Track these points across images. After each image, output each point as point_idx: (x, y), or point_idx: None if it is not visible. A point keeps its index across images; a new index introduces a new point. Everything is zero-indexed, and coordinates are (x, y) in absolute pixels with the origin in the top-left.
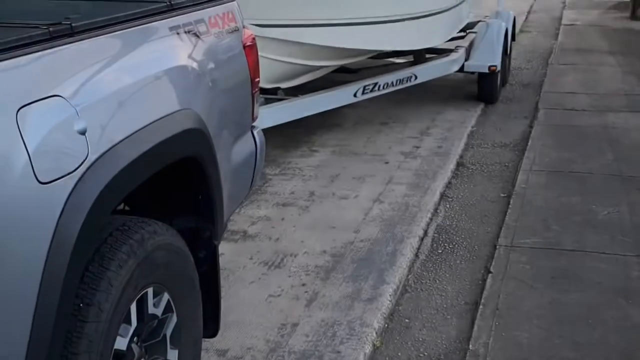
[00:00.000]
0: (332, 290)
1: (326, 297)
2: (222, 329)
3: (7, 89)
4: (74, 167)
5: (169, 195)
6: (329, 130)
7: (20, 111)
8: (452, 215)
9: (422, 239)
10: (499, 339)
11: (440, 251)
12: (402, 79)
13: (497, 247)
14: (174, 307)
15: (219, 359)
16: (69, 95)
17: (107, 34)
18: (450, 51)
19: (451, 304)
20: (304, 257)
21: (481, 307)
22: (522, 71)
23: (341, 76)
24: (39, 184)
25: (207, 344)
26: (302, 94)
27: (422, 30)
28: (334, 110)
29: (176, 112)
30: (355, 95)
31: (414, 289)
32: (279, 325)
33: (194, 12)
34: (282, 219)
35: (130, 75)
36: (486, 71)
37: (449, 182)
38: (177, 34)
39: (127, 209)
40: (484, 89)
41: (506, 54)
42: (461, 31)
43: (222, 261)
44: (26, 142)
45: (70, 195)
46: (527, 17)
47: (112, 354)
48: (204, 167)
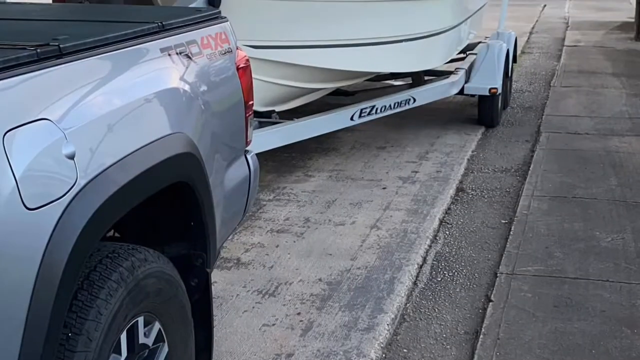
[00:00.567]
0: (328, 319)
1: (322, 326)
2: (215, 359)
3: None
4: (63, 193)
5: (160, 221)
6: (325, 154)
7: (6, 135)
8: (452, 242)
9: (420, 267)
10: None
11: (439, 279)
12: (400, 102)
13: (498, 274)
14: (165, 337)
15: None
16: (57, 118)
17: (97, 55)
18: (449, 73)
19: (450, 333)
20: (299, 285)
21: (481, 336)
22: (524, 94)
23: (337, 99)
24: (26, 210)
25: None
26: (297, 118)
27: (420, 51)
28: (330, 134)
29: (167, 135)
30: (352, 118)
31: (413, 318)
32: (273, 355)
33: (186, 33)
34: (277, 246)
35: (120, 97)
36: (487, 94)
37: (449, 208)
38: (169, 55)
39: (117, 235)
40: (485, 112)
41: (507, 76)
42: (461, 52)
43: (215, 289)
44: (13, 167)
45: (58, 221)
46: (528, 38)
47: None
48: (196, 192)
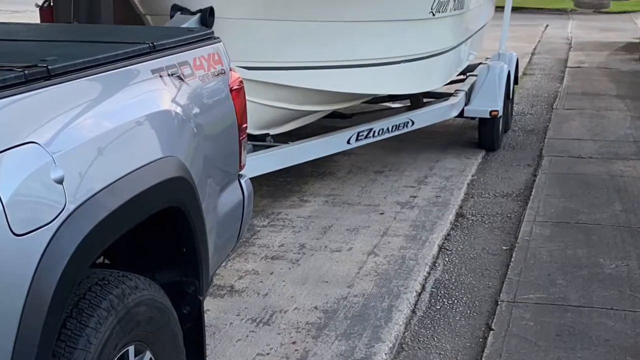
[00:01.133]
0: (324, 348)
1: (318, 355)
2: None
3: None
4: (51, 218)
5: (152, 247)
6: (321, 179)
7: None
8: (451, 269)
9: (419, 294)
10: None
11: (438, 307)
12: (399, 125)
13: (499, 302)
14: None
15: None
16: (46, 141)
17: (86, 77)
18: (449, 95)
19: None
20: (294, 313)
21: None
22: (526, 116)
23: (334, 122)
24: (14, 236)
25: None
26: (293, 141)
27: (419, 73)
28: (327, 158)
29: (159, 159)
30: (348, 142)
31: (411, 347)
32: None
33: (178, 54)
34: (271, 273)
35: (110, 120)
36: (487, 116)
37: (448, 234)
38: (160, 76)
39: (106, 262)
40: (485, 135)
41: (508, 98)
42: (461, 74)
43: (208, 318)
44: (0, 192)
45: (47, 247)
46: (530, 59)
47: None
48: (189, 217)
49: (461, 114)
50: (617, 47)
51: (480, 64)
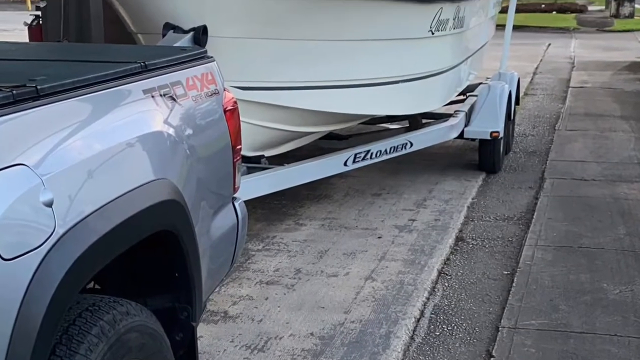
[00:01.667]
0: None
1: None
2: None
3: None
4: (40, 242)
5: (143, 272)
6: (317, 202)
7: None
8: (451, 294)
9: (418, 320)
10: None
11: (437, 333)
12: (397, 147)
13: (500, 329)
14: None
15: None
16: (34, 163)
17: (76, 97)
18: (448, 116)
19: None
20: (289, 340)
21: None
22: (527, 138)
23: (330, 143)
24: (2, 261)
25: None
26: (288, 163)
27: (418, 93)
28: (323, 180)
29: (151, 182)
30: (345, 164)
31: None
32: None
33: (170, 74)
34: (266, 299)
35: (100, 142)
36: (488, 138)
37: (448, 259)
38: (152, 97)
39: (97, 287)
40: (486, 157)
41: (510, 119)
42: (461, 94)
43: (201, 344)
44: None
45: (35, 272)
46: (532, 79)
47: None
48: (181, 241)
49: (461, 135)
50: (621, 67)
51: (480, 84)
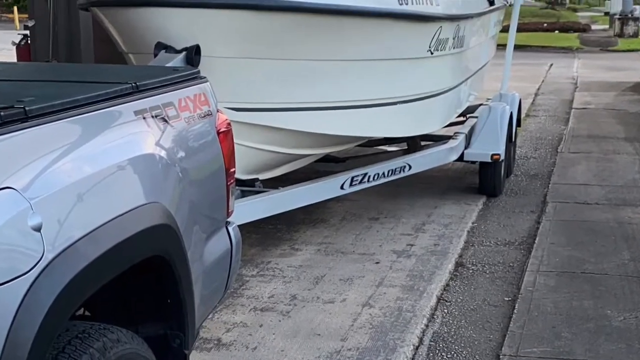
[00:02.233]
0: None
1: None
2: None
3: None
4: (29, 268)
5: (135, 298)
6: (313, 226)
7: None
8: (451, 321)
9: (416, 348)
10: None
11: None
12: (395, 170)
13: (501, 357)
14: None
15: None
16: (23, 187)
17: (65, 118)
18: (448, 138)
19: None
20: None
21: None
22: (529, 160)
23: (326, 166)
24: None
25: None
26: (283, 186)
27: (416, 114)
28: (319, 204)
29: (142, 206)
30: (342, 187)
31: None
32: None
33: (162, 95)
34: (261, 326)
35: (91, 164)
36: (488, 160)
37: (447, 285)
38: (144, 118)
39: (87, 314)
40: (486, 180)
41: (511, 141)
42: (460, 115)
43: None
44: None
45: (24, 298)
46: (534, 100)
47: None
48: (173, 267)
49: (461, 158)
50: (625, 87)
51: (481, 105)
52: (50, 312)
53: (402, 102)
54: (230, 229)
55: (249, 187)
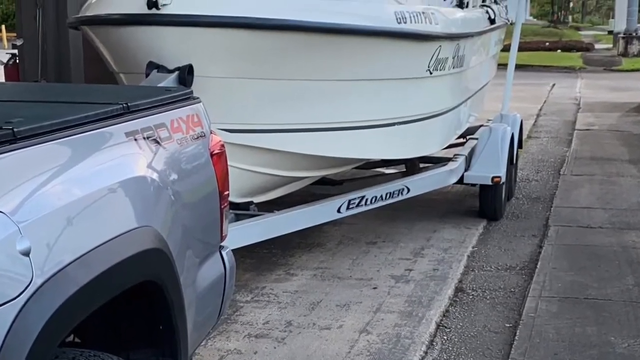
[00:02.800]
0: None
1: None
2: None
3: None
4: (17, 293)
5: (126, 324)
6: (309, 251)
7: None
8: (450, 348)
9: None
10: None
11: None
12: (393, 192)
13: None
14: None
15: None
16: (11, 210)
17: (55, 140)
18: (448, 160)
19: None
20: None
21: None
22: (531, 183)
23: (323, 189)
24: None
25: None
26: (278, 210)
27: (415, 136)
28: (315, 228)
29: (134, 230)
30: (339, 210)
31: None
32: None
33: (154, 115)
34: (255, 353)
35: (81, 187)
36: (489, 183)
37: (447, 311)
38: (135, 140)
39: (77, 340)
40: (487, 203)
41: (512, 163)
42: (460, 137)
43: None
44: None
45: (12, 324)
46: (536, 121)
47: None
48: (166, 292)
49: (461, 181)
50: (629, 108)
51: (481, 126)
52: (39, 338)
53: (401, 123)
54: (224, 253)
55: (243, 211)
